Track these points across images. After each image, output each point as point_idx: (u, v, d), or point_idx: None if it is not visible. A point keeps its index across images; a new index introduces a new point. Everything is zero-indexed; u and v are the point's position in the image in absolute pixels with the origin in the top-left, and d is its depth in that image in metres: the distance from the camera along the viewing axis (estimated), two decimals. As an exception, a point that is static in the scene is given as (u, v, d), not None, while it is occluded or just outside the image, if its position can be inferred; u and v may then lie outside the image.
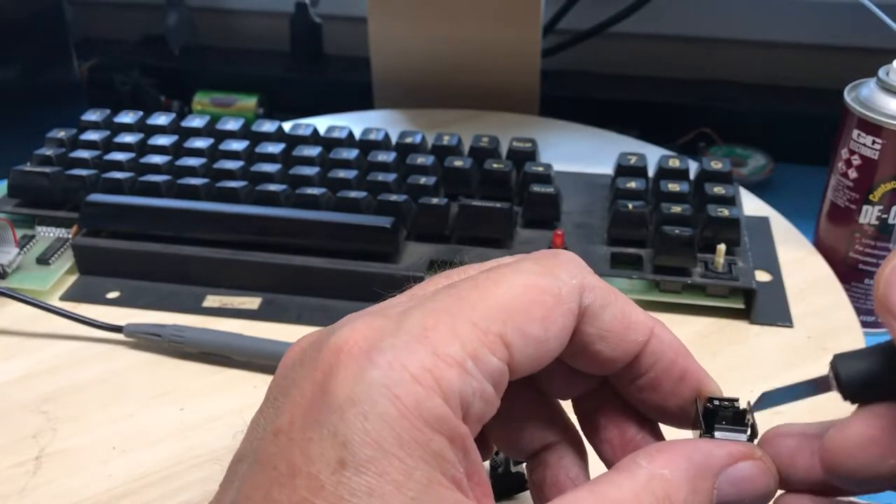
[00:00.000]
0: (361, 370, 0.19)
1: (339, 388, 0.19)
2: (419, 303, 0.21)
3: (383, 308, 0.22)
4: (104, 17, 0.90)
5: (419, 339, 0.20)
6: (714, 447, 0.22)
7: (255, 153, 0.54)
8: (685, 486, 0.21)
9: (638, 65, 0.79)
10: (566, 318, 0.22)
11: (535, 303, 0.21)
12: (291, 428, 0.19)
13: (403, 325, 0.20)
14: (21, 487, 0.36)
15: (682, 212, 0.48)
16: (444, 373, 0.19)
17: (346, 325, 0.21)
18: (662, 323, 0.24)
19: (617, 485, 0.21)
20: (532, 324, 0.21)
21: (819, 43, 0.74)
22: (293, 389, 0.20)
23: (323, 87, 0.81)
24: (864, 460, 0.20)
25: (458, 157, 0.53)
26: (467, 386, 0.20)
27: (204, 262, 0.48)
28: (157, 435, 0.39)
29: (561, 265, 0.23)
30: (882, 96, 0.47)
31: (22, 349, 0.45)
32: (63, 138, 0.56)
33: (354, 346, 0.20)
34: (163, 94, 0.81)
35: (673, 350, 0.24)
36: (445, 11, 0.67)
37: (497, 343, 0.20)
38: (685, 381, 0.24)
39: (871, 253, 0.49)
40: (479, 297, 0.21)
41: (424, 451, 0.18)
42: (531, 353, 0.21)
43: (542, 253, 0.24)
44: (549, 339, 0.21)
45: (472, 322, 0.20)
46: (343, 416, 0.18)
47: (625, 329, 0.23)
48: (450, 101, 0.69)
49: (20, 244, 0.50)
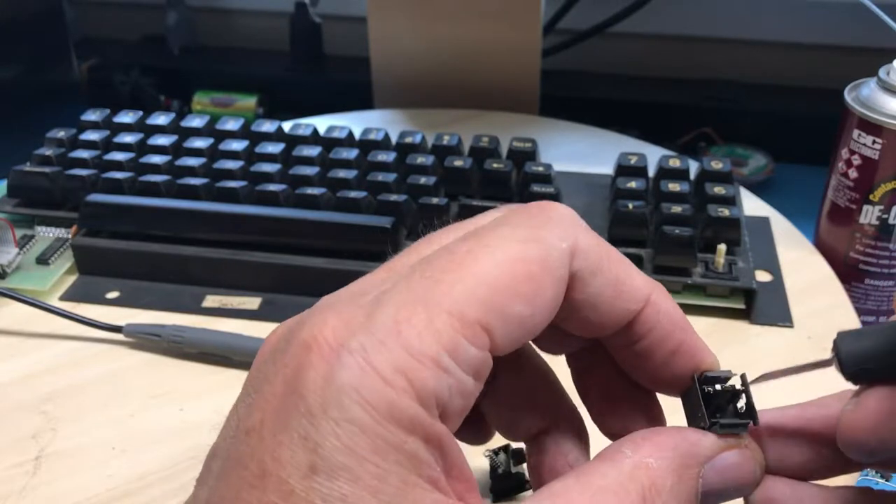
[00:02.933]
0: (331, 371, 0.18)
1: (308, 390, 0.18)
2: (393, 286, 0.20)
3: (356, 293, 0.21)
4: (104, 17, 0.90)
5: (391, 335, 0.19)
6: (700, 436, 0.22)
7: (254, 153, 0.54)
8: (671, 476, 0.21)
9: (638, 65, 0.79)
10: (554, 288, 0.21)
11: (519, 277, 0.20)
12: (262, 428, 0.19)
13: (375, 319, 0.19)
14: (20, 488, 0.36)
15: (683, 212, 0.48)
16: (417, 373, 0.18)
17: (316, 316, 0.20)
18: (662, 289, 0.23)
19: (602, 473, 0.20)
20: (516, 302, 0.20)
21: (819, 43, 0.74)
22: (265, 386, 0.19)
23: (323, 86, 0.81)
24: (885, 435, 0.21)
25: (458, 157, 0.53)
26: (443, 384, 0.19)
27: (204, 262, 0.48)
28: (156, 435, 0.39)
29: (551, 224, 0.21)
30: (882, 96, 0.47)
31: (21, 349, 0.45)
32: (63, 138, 0.56)
33: (324, 344, 0.19)
34: (162, 94, 0.81)
35: (670, 321, 0.23)
36: (445, 11, 0.67)
37: (476, 331, 0.19)
38: (680, 354, 0.23)
39: (871, 253, 0.49)
40: (457, 277, 0.19)
41: (399, 454, 0.18)
42: (515, 332, 0.20)
43: (531, 207, 0.22)
44: (534, 314, 0.20)
45: (449, 311, 0.19)
46: (313, 420, 0.18)
47: (616, 296, 0.22)
48: (450, 101, 0.69)
49: (20, 244, 0.50)
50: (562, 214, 0.22)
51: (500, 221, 0.22)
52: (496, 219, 0.22)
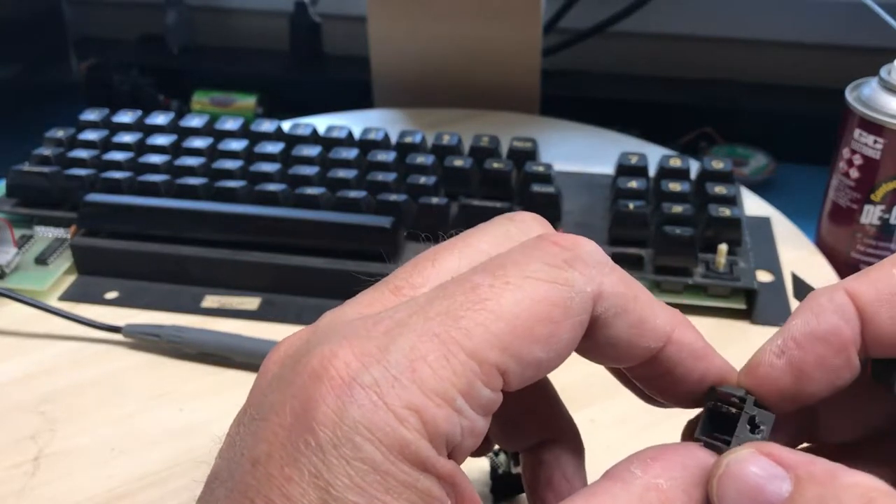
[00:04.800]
0: (342, 406, 0.18)
1: (318, 424, 0.18)
2: (409, 317, 0.19)
3: (369, 321, 0.20)
4: (103, 17, 0.90)
5: (405, 372, 0.18)
6: (708, 452, 0.21)
7: (254, 153, 0.54)
8: (682, 497, 0.20)
9: (639, 64, 0.79)
10: (573, 332, 0.20)
11: (540, 321, 0.19)
12: (269, 462, 0.18)
13: (389, 353, 0.18)
14: (20, 488, 0.36)
15: (684, 212, 0.47)
16: (430, 413, 0.18)
17: (326, 344, 0.19)
18: (686, 322, 0.23)
19: (612, 495, 0.20)
20: (534, 346, 0.19)
21: (820, 42, 0.74)
22: (271, 414, 0.19)
23: (322, 86, 0.80)
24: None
25: (458, 157, 0.53)
26: (455, 425, 0.18)
27: (203, 262, 0.48)
28: (156, 436, 0.39)
29: (577, 264, 0.20)
30: (883, 96, 0.47)
31: (20, 349, 0.44)
32: (61, 138, 0.56)
33: (336, 376, 0.18)
34: (162, 94, 0.81)
35: (692, 354, 0.22)
36: (445, 11, 0.66)
37: (492, 374, 0.19)
38: (703, 382, 0.23)
39: (872, 253, 0.49)
40: (477, 317, 0.19)
41: (411, 492, 0.18)
42: (529, 374, 0.20)
43: (559, 240, 0.21)
44: (550, 358, 0.20)
45: (467, 352, 0.19)
46: (324, 458, 0.18)
47: (637, 337, 0.22)
48: (449, 101, 0.69)
49: (18, 244, 0.50)
50: (590, 252, 0.21)
51: (526, 252, 0.21)
52: (523, 246, 0.21)
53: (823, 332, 0.21)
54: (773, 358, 0.22)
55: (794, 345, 0.21)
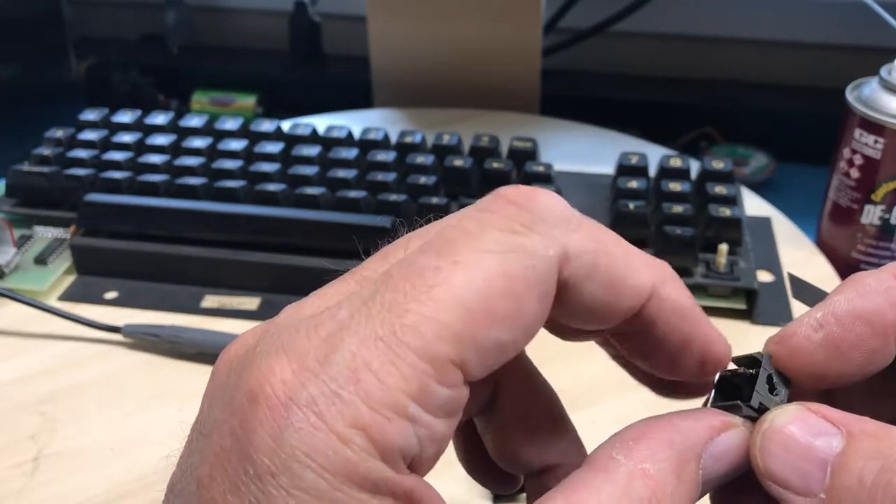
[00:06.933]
0: (279, 433, 0.16)
1: (256, 451, 0.16)
2: (351, 316, 0.17)
3: (311, 327, 0.18)
4: (102, 16, 0.90)
5: (348, 384, 0.16)
6: (693, 422, 0.20)
7: (253, 153, 0.54)
8: (671, 479, 0.18)
9: (639, 64, 0.79)
10: (538, 304, 0.18)
11: (498, 299, 0.17)
12: (212, 485, 0.17)
13: (330, 363, 0.16)
14: (19, 489, 0.36)
15: (684, 211, 0.47)
16: (379, 428, 0.16)
17: (265, 358, 0.17)
18: (673, 277, 0.20)
19: (595, 489, 0.18)
20: (493, 328, 0.17)
21: (821, 42, 0.74)
22: (214, 433, 0.18)
23: (322, 86, 0.80)
24: None
25: (458, 157, 0.53)
26: (410, 438, 0.17)
27: (202, 262, 0.48)
28: (155, 436, 0.39)
29: (537, 225, 0.18)
30: (884, 95, 0.47)
31: (20, 349, 0.44)
32: (61, 138, 0.56)
33: (272, 396, 0.16)
34: (161, 94, 0.81)
35: (676, 313, 0.20)
36: (445, 10, 0.66)
37: (448, 370, 0.17)
38: (688, 348, 0.21)
39: (873, 253, 0.49)
40: (424, 308, 0.17)
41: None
42: (492, 359, 0.18)
43: (511, 198, 0.19)
44: (516, 339, 0.18)
45: (416, 352, 0.16)
46: (263, 488, 0.16)
47: (614, 298, 0.19)
48: (450, 101, 0.69)
49: (18, 244, 0.50)
50: (550, 209, 0.18)
51: (477, 218, 0.19)
52: (468, 215, 0.19)
53: (867, 312, 0.20)
54: (809, 330, 0.20)
55: (833, 320, 0.20)
